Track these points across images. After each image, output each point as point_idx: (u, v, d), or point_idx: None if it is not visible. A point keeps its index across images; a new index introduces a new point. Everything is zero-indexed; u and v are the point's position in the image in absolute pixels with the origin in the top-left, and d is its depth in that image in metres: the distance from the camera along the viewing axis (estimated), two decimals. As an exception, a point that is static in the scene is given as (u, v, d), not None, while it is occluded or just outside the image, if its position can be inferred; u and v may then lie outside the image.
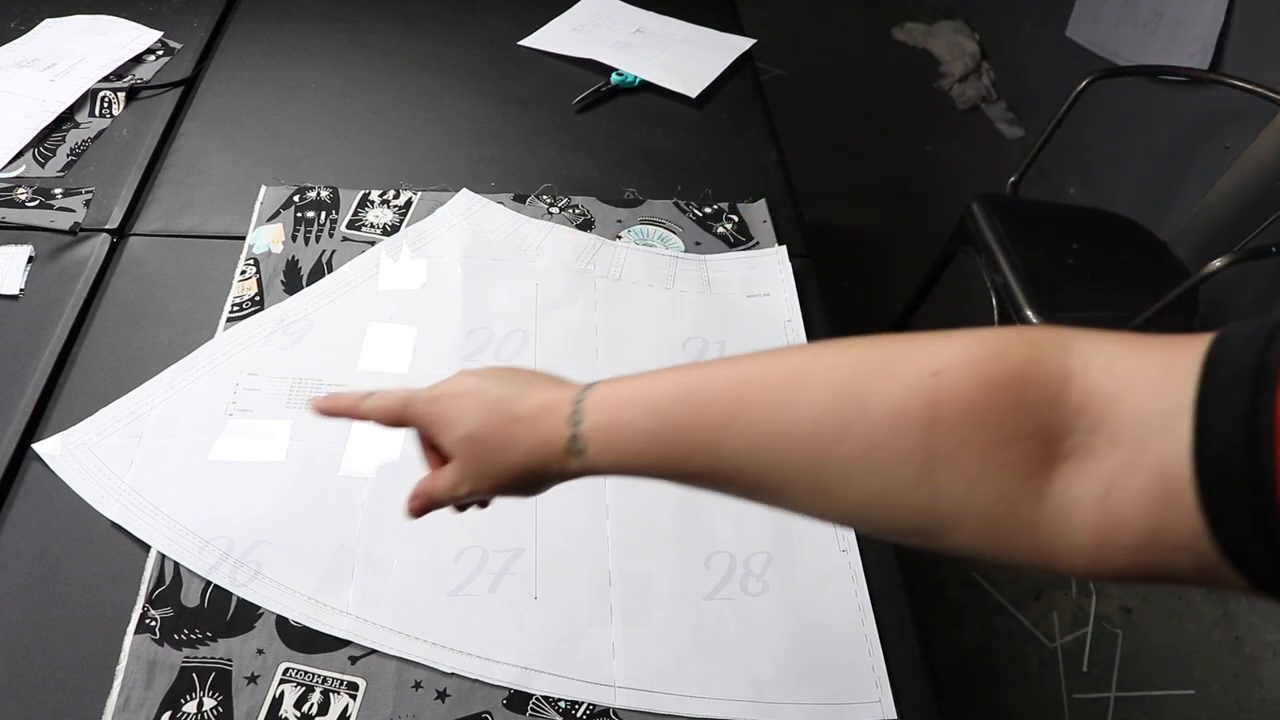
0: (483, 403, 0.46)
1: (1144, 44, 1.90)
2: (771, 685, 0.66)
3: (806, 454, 0.36)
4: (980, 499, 0.32)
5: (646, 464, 0.41)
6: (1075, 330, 0.34)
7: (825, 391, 0.36)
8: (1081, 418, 0.31)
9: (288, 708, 0.63)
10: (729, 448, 0.38)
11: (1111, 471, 0.30)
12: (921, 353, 0.35)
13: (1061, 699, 1.43)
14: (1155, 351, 0.31)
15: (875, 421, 0.34)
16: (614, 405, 0.42)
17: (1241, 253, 1.17)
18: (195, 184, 1.00)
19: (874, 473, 0.34)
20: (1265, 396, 0.26)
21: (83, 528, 0.70)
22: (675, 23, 1.33)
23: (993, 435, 0.32)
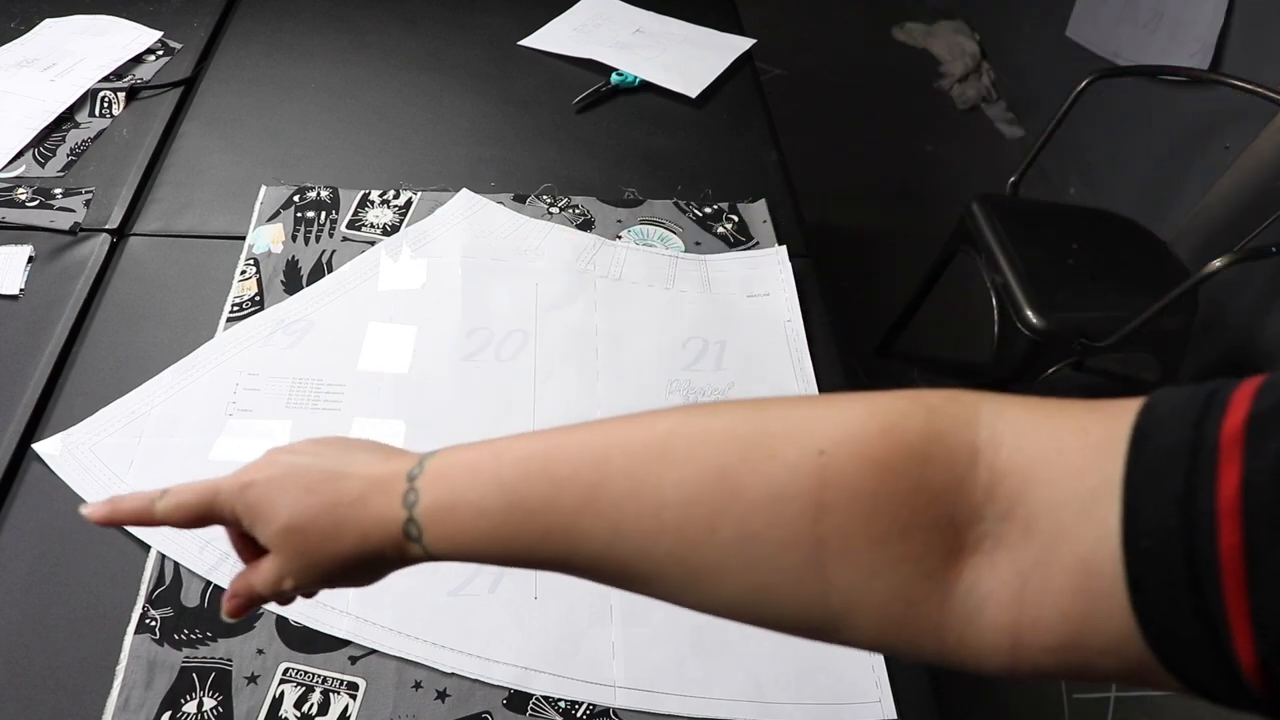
0: (304, 485, 0.39)
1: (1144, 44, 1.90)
2: (771, 685, 0.66)
3: (676, 543, 0.31)
4: (877, 594, 0.29)
5: (493, 549, 0.36)
6: (983, 396, 0.30)
7: (691, 469, 0.31)
8: (991, 503, 0.27)
9: (288, 708, 0.63)
10: (587, 534, 0.33)
11: (1027, 565, 0.27)
12: (804, 425, 0.31)
13: (1061, 699, 1.43)
14: (1071, 423, 0.27)
15: (752, 506, 0.30)
16: (454, 481, 0.36)
17: (1241, 253, 1.17)
18: (195, 184, 1.00)
19: (752, 563, 0.30)
20: (1203, 476, 0.23)
21: (83, 528, 0.69)
22: (675, 23, 1.33)
23: (887, 525, 0.28)
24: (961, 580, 0.28)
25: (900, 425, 0.29)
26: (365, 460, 0.40)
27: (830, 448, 0.29)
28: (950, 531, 0.28)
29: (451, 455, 0.38)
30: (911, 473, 0.28)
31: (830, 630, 0.31)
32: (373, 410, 0.80)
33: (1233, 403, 0.24)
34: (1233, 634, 0.23)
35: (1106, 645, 0.25)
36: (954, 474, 0.28)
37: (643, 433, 0.34)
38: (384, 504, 0.37)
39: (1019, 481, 0.27)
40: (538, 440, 0.36)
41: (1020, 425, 0.28)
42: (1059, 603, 0.26)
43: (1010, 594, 0.27)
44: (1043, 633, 0.27)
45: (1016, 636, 0.27)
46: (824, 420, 0.30)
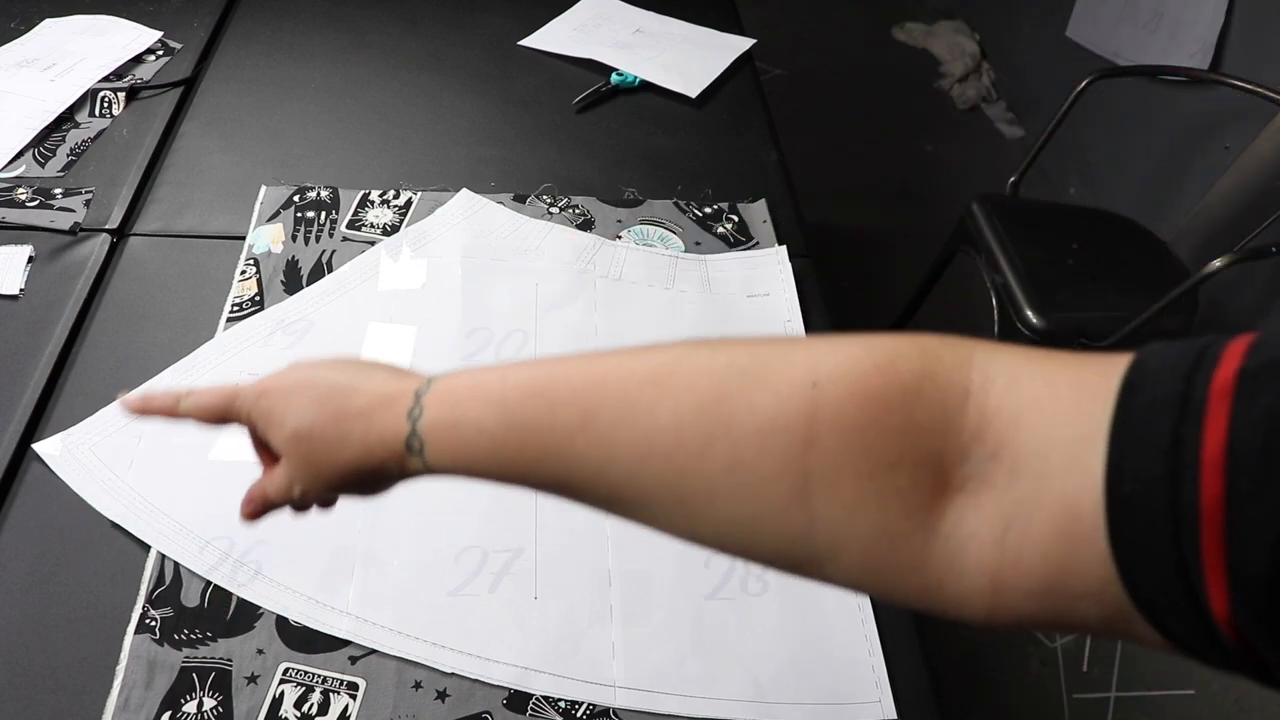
0: (314, 397, 0.41)
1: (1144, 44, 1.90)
2: (771, 685, 0.66)
3: (667, 468, 0.32)
4: (861, 530, 0.29)
5: (491, 467, 0.37)
6: (978, 342, 0.30)
7: (690, 398, 0.31)
8: (979, 443, 0.28)
9: (288, 708, 0.63)
10: (582, 456, 0.34)
11: (1011, 506, 0.27)
12: (801, 359, 0.31)
13: (1061, 699, 1.43)
14: (1066, 371, 0.27)
15: (743, 435, 0.30)
16: (457, 399, 0.38)
17: (1241, 253, 1.17)
18: (195, 184, 1.00)
19: (741, 493, 0.30)
20: (1190, 427, 0.23)
21: (83, 528, 0.70)
22: (675, 23, 1.33)
23: (876, 459, 0.28)
24: (945, 519, 0.28)
25: (894, 364, 0.29)
26: (379, 378, 0.41)
27: (824, 381, 0.29)
28: (937, 470, 0.28)
29: (459, 376, 0.39)
30: (902, 410, 0.28)
31: (814, 565, 0.31)
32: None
33: (1224, 357, 0.24)
34: (1207, 585, 0.23)
35: (1086, 590, 0.25)
36: (944, 413, 0.28)
37: (645, 361, 0.34)
38: (388, 417, 0.39)
39: (1008, 424, 0.27)
40: (543, 365, 0.37)
41: (1014, 370, 0.28)
42: (1041, 545, 0.26)
43: (993, 535, 0.27)
44: (1023, 575, 0.27)
45: (997, 578, 0.27)
46: (821, 356, 0.31)
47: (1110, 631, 0.26)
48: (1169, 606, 0.24)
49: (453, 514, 0.73)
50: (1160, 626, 0.25)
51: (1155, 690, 1.45)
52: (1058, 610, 0.27)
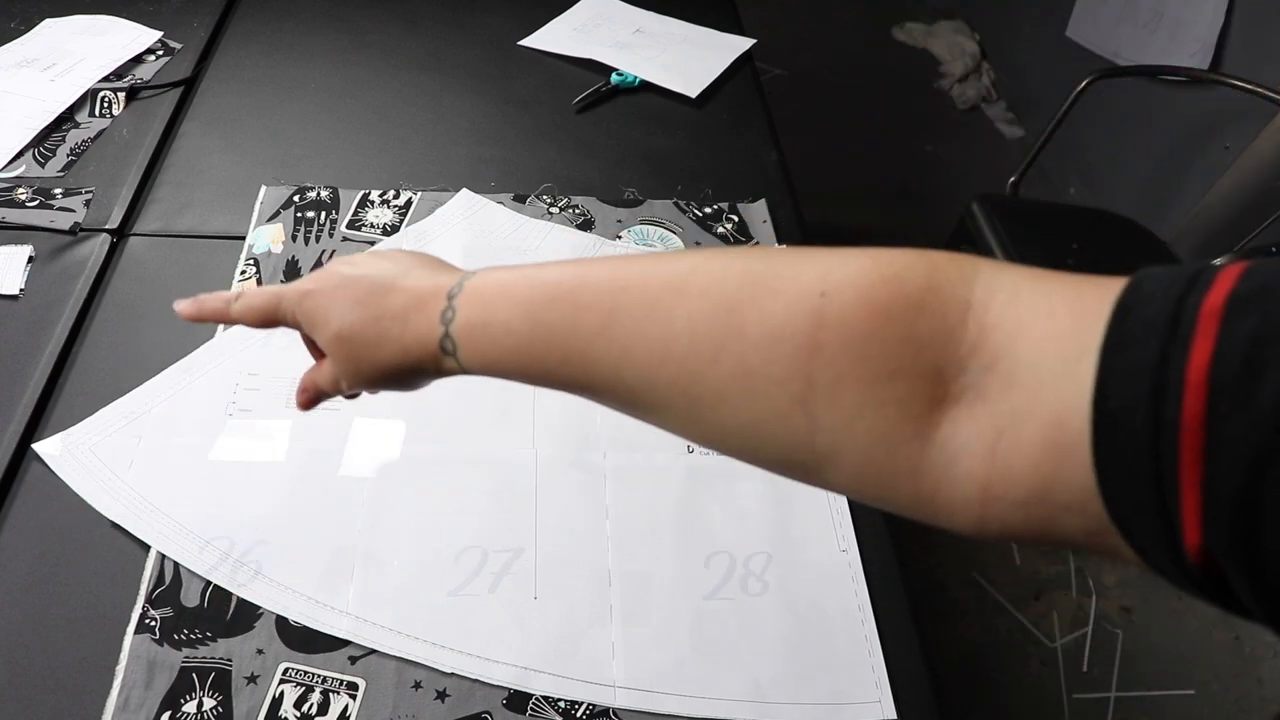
0: (354, 297, 0.43)
1: (1144, 44, 1.90)
2: (771, 685, 0.66)
3: (680, 372, 0.33)
4: (860, 436, 0.30)
5: (519, 369, 0.39)
6: (984, 260, 0.31)
7: (704, 304, 0.32)
8: (976, 356, 0.28)
9: (287, 708, 0.63)
10: (601, 358, 0.35)
11: (1003, 417, 0.27)
12: (811, 269, 0.31)
13: (1061, 699, 1.43)
14: (1066, 289, 0.28)
15: (752, 341, 0.31)
16: (487, 301, 0.39)
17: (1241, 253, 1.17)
18: (195, 184, 1.00)
19: (748, 397, 0.31)
20: (1178, 347, 0.23)
21: (83, 528, 0.70)
22: (675, 23, 1.33)
23: (877, 367, 0.29)
24: (941, 428, 0.29)
25: (901, 276, 0.30)
26: (416, 275, 0.42)
27: (831, 290, 0.30)
28: (935, 380, 0.29)
29: (490, 275, 0.40)
30: (905, 320, 0.29)
31: (814, 468, 0.32)
32: (373, 410, 0.80)
33: (1217, 282, 0.24)
34: (1182, 502, 0.23)
35: (1070, 502, 0.26)
36: (944, 325, 0.29)
37: (666, 267, 0.35)
38: (423, 319, 0.40)
39: (1005, 337, 0.28)
40: (569, 267, 0.38)
41: (1015, 285, 0.29)
42: (1029, 455, 0.27)
43: (985, 445, 0.28)
44: (1011, 485, 0.27)
45: (987, 487, 0.28)
46: (831, 266, 0.31)
47: (1092, 544, 0.27)
48: (1142, 521, 0.24)
49: (453, 514, 0.73)
50: (1131, 540, 0.25)
51: (1155, 690, 1.45)
52: (1043, 521, 0.27)
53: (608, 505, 0.75)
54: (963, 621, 1.52)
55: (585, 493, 0.76)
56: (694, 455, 0.80)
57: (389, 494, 0.74)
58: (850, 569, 0.73)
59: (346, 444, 0.77)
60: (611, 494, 0.76)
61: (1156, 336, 0.24)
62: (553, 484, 0.76)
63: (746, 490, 0.77)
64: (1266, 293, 0.23)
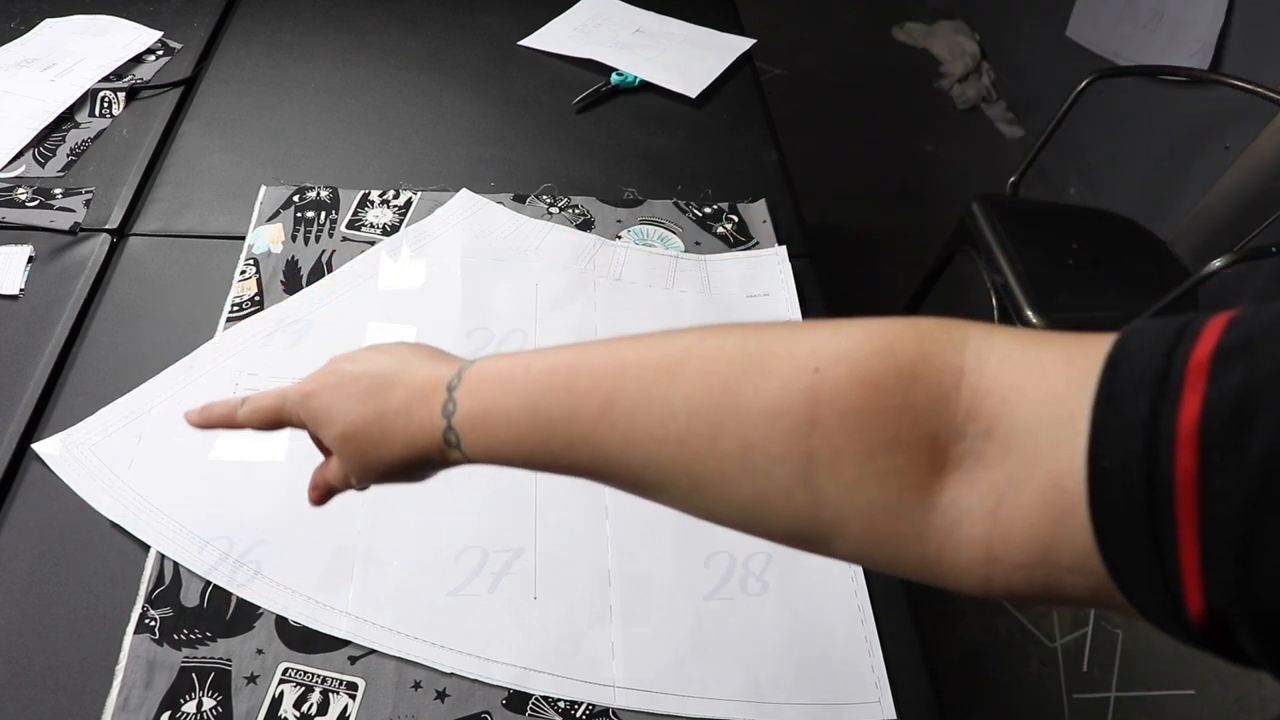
0: (355, 395, 0.43)
1: (1144, 44, 1.90)
2: (771, 685, 0.66)
3: (681, 452, 0.33)
4: (863, 507, 0.30)
5: (523, 457, 0.39)
6: (973, 324, 0.31)
7: (700, 384, 0.33)
8: (973, 422, 0.29)
9: (287, 708, 0.63)
10: (602, 441, 0.36)
11: (1003, 482, 0.28)
12: (804, 345, 0.32)
13: (1061, 699, 1.43)
14: (1055, 350, 0.29)
15: (750, 420, 0.32)
16: (487, 392, 0.39)
17: (1241, 253, 1.17)
18: (195, 184, 1.00)
19: (750, 474, 0.32)
20: (1167, 402, 0.23)
21: (83, 528, 0.70)
22: (675, 23, 1.33)
23: (875, 439, 0.30)
24: (943, 495, 0.29)
25: (892, 347, 0.30)
26: (415, 368, 0.43)
27: (825, 366, 0.31)
28: (933, 448, 0.29)
29: (487, 365, 0.40)
30: (899, 391, 0.30)
31: (820, 541, 0.32)
32: (372, 410, 0.80)
33: (1203, 334, 0.24)
34: (1180, 551, 0.23)
35: (1072, 563, 0.26)
36: (939, 393, 0.29)
37: (659, 349, 0.36)
38: (425, 413, 0.41)
39: (999, 402, 0.28)
40: (563, 354, 0.38)
41: (1006, 350, 0.30)
42: (1029, 518, 0.27)
43: (986, 509, 0.28)
44: (1013, 548, 0.28)
45: (990, 551, 0.28)
46: (823, 341, 0.32)
47: (1097, 602, 0.27)
48: (1140, 577, 0.24)
49: (453, 514, 0.73)
50: (1130, 596, 0.25)
51: (1155, 690, 1.45)
52: (1047, 582, 0.28)
53: (608, 505, 0.75)
54: (963, 621, 1.52)
55: (585, 493, 0.76)
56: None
57: (389, 494, 0.74)
58: (850, 569, 0.73)
59: (346, 444, 0.77)
60: (611, 494, 0.76)
61: (1146, 392, 0.24)
62: (553, 484, 0.76)
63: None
64: (1252, 344, 0.23)
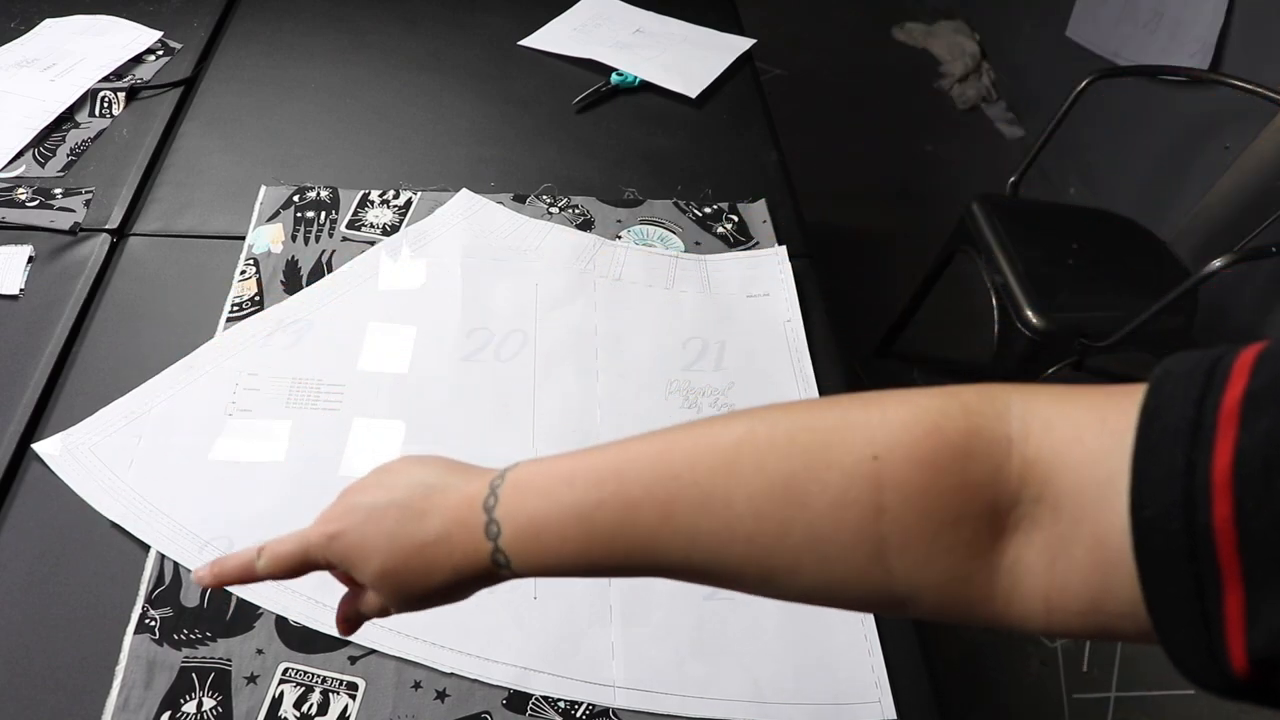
0: (387, 531, 0.41)
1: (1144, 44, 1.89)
2: (771, 685, 0.66)
3: (750, 549, 0.34)
4: (935, 578, 0.32)
5: (581, 570, 0.38)
6: (1011, 389, 0.33)
7: (763, 481, 0.34)
8: (1025, 488, 0.31)
9: (287, 708, 0.63)
10: (667, 548, 0.36)
11: (1055, 542, 0.30)
12: (858, 431, 0.33)
13: (1061, 699, 1.43)
14: (1093, 413, 0.30)
15: (817, 513, 0.33)
16: (532, 513, 0.38)
17: (1241, 253, 1.17)
18: (195, 184, 1.00)
19: (822, 562, 0.33)
20: (1202, 452, 0.25)
21: (83, 528, 0.70)
22: (675, 23, 1.33)
23: (942, 518, 0.31)
24: (1006, 556, 0.31)
25: (942, 426, 0.32)
26: (440, 489, 0.41)
27: (883, 453, 0.32)
28: (994, 517, 0.31)
29: (523, 479, 0.39)
30: (956, 469, 0.31)
31: (899, 607, 0.34)
32: (373, 410, 0.80)
33: (1232, 378, 0.26)
34: (1224, 598, 0.24)
35: (1123, 611, 0.28)
36: (993, 465, 0.31)
37: (710, 444, 0.36)
38: (468, 539, 0.39)
39: (1046, 468, 0.30)
40: (609, 459, 0.38)
41: (1046, 416, 0.31)
42: (1081, 574, 0.29)
43: (1043, 566, 0.30)
44: (1070, 599, 0.30)
45: (1049, 602, 0.31)
46: (875, 427, 0.33)
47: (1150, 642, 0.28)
48: (1181, 624, 0.26)
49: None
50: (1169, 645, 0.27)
51: (1155, 690, 1.45)
52: (1102, 626, 0.30)
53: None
54: (963, 621, 1.51)
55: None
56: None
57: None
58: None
59: (346, 444, 0.77)
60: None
61: (1180, 443, 0.26)
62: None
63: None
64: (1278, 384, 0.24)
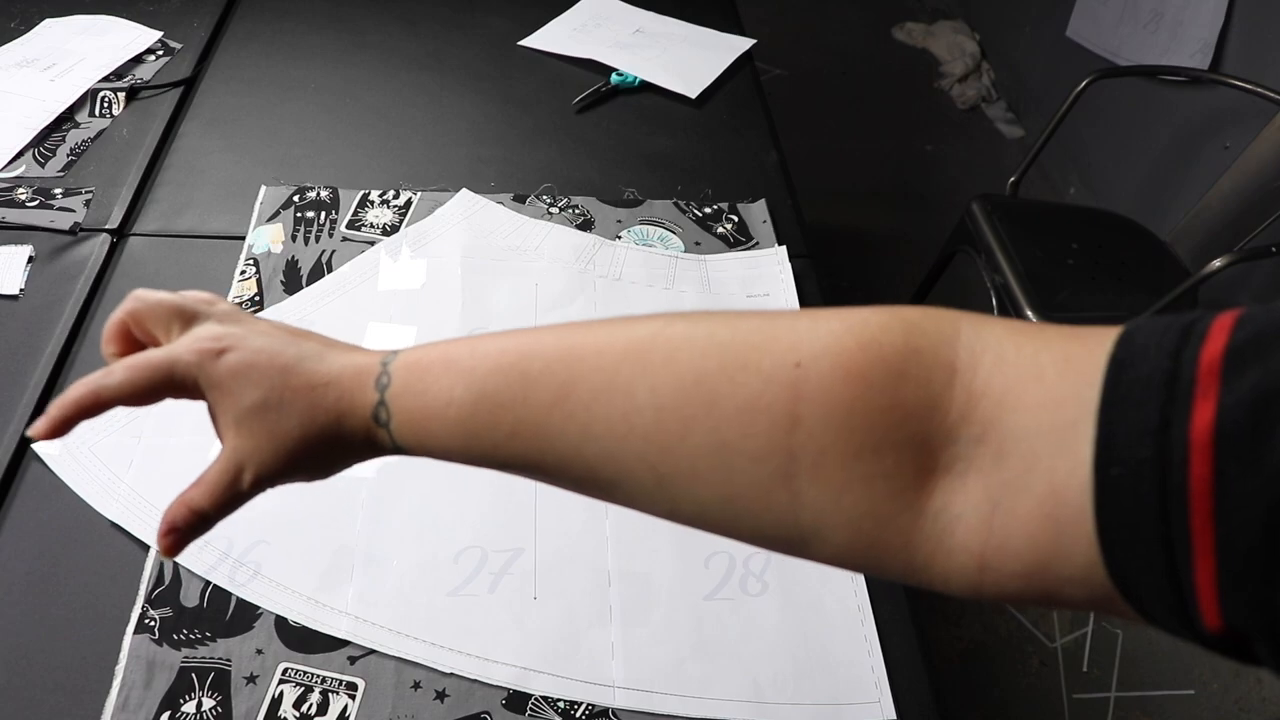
0: (278, 365, 0.37)
1: (1144, 44, 1.90)
2: (771, 685, 0.66)
3: (647, 447, 0.31)
4: (847, 511, 0.29)
5: (459, 443, 0.35)
6: (964, 315, 0.29)
7: (670, 375, 0.31)
8: (965, 425, 0.27)
9: (287, 708, 0.63)
10: (557, 432, 0.33)
11: (998, 490, 0.26)
12: (783, 337, 0.30)
13: (1061, 699, 1.43)
14: (1053, 349, 0.27)
15: (725, 416, 0.29)
16: (426, 368, 0.36)
17: (1241, 253, 1.17)
18: (195, 184, 1.00)
19: (724, 473, 0.30)
20: (1179, 407, 0.22)
21: (82, 528, 0.70)
22: (675, 23, 1.33)
23: (862, 441, 0.28)
24: (933, 500, 0.28)
25: (878, 340, 0.29)
26: (338, 348, 0.39)
27: (807, 361, 0.29)
28: (923, 451, 0.28)
29: (427, 349, 0.37)
30: (887, 389, 0.28)
31: (800, 544, 0.31)
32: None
33: (1211, 333, 0.23)
34: (1195, 564, 0.22)
35: (1073, 574, 0.25)
36: (929, 393, 0.28)
37: (622, 334, 0.33)
38: (356, 386, 0.37)
39: (994, 405, 0.27)
40: (515, 336, 0.35)
41: (1000, 347, 0.28)
42: (1027, 529, 0.26)
43: (979, 518, 0.27)
44: (1010, 558, 0.26)
45: (984, 560, 0.27)
46: (803, 333, 0.30)
47: (1094, 609, 0.26)
48: (1152, 589, 0.24)
49: (452, 514, 0.73)
50: (1141, 608, 0.25)
51: (1155, 690, 1.45)
52: (1044, 590, 0.27)
53: (608, 505, 0.75)
54: (962, 621, 1.52)
55: (585, 493, 0.76)
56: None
57: (389, 494, 0.74)
58: (850, 569, 0.73)
59: (346, 444, 0.77)
60: (611, 494, 0.76)
61: (1155, 397, 0.23)
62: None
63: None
64: (1262, 342, 0.22)
